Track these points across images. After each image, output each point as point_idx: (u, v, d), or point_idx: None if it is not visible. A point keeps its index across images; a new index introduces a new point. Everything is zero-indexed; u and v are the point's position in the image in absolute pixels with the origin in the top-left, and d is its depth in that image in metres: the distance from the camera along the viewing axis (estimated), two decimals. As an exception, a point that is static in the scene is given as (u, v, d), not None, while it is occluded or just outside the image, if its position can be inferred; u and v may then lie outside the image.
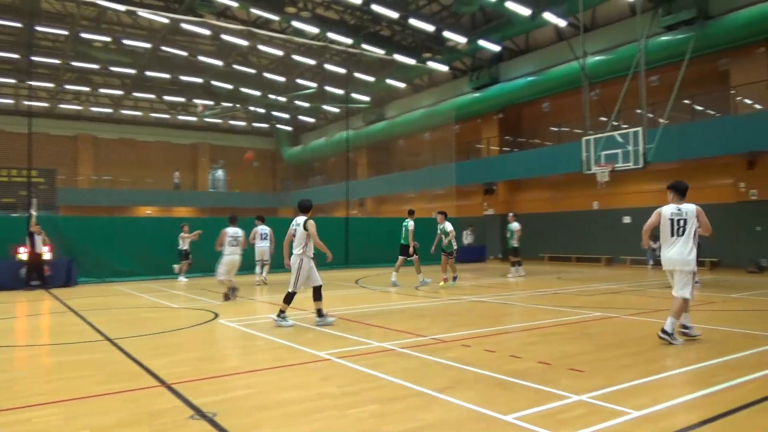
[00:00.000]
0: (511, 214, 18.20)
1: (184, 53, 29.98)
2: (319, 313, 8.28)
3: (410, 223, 14.36)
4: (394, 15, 23.00)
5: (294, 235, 8.27)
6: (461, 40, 25.14)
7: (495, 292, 12.97)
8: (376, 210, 37.30)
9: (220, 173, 45.74)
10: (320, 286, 8.32)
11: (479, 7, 23.24)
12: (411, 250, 14.23)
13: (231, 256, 11.34)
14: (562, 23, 22.19)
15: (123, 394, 4.80)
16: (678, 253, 6.72)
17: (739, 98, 19.55)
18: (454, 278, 14.64)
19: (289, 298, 8.18)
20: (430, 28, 24.12)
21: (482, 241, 27.17)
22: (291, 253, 8.37)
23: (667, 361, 5.87)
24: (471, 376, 5.27)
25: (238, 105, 38.36)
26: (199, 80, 33.77)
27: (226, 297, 11.33)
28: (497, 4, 20.82)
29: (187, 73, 32.67)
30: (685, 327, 6.95)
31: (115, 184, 39.57)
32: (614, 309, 9.64)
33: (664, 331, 6.61)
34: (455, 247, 14.73)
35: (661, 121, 17.69)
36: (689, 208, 6.85)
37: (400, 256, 14.66)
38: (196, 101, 37.10)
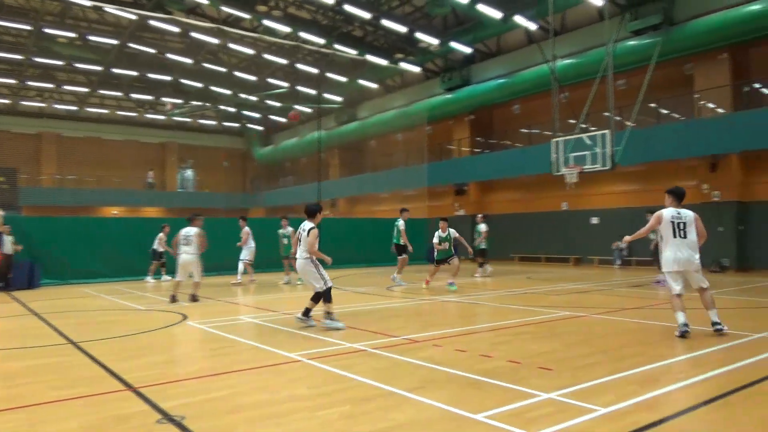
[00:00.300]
0: (479, 215, 18.35)
1: (153, 50, 29.46)
2: (328, 315, 8.03)
3: (401, 222, 14.65)
4: (366, 15, 23.00)
5: (300, 240, 8.18)
6: (433, 41, 25.29)
7: (466, 292, 13.07)
8: (348, 210, 37.24)
9: (189, 173, 45.06)
10: (329, 288, 8.10)
11: (451, 9, 23.42)
12: (409, 248, 14.68)
13: (182, 255, 11.25)
14: (532, 26, 22.50)
15: (88, 399, 4.68)
16: (690, 256, 7.22)
17: (702, 102, 20.11)
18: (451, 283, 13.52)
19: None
20: (402, 29, 24.19)
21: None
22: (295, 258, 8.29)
23: (632, 360, 5.99)
24: (442, 375, 5.30)
25: (207, 104, 37.86)
26: (168, 78, 33.21)
27: (173, 299, 11.22)
28: (469, 6, 21.00)
29: (156, 70, 32.08)
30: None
31: (80, 183, 38.58)
32: (582, 308, 9.80)
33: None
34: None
35: (628, 124, 18.11)
36: (688, 213, 7.34)
37: (399, 257, 14.92)
38: (165, 99, 36.43)
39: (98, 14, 27.19)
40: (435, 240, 13.72)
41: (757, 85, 19.86)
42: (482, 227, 17.32)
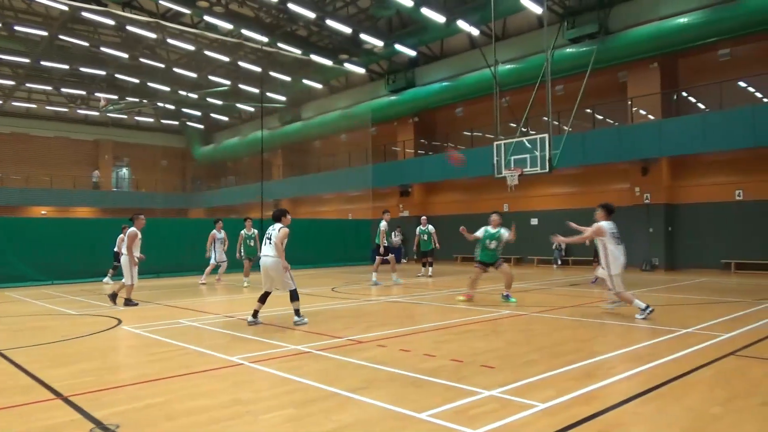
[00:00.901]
0: (424, 217, 18.36)
1: (85, 43, 28.16)
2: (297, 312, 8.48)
3: (383, 224, 15.33)
4: (311, 15, 22.80)
5: (269, 240, 8.52)
6: (378, 43, 25.36)
7: (411, 292, 13.16)
8: (291, 211, 36.50)
9: (124, 171, 43.37)
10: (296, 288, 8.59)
11: (396, 12, 23.57)
12: (382, 249, 15.15)
13: (123, 256, 10.98)
14: (475, 32, 22.93)
15: (15, 409, 4.41)
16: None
17: (635, 109, 21.07)
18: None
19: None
20: (347, 30, 24.14)
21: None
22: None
23: (570, 356, 6.20)
24: (386, 375, 5.30)
25: (145, 100, 36.52)
26: (102, 73, 31.83)
27: (111, 297, 10.98)
28: (413, 9, 21.19)
29: (89, 64, 30.68)
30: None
31: (6, 181, 36.43)
32: (523, 307, 10.06)
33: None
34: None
35: (566, 128, 18.73)
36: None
37: (376, 257, 15.43)
38: (99, 95, 34.91)
39: (26, 3, 25.78)
40: (479, 233, 11.28)
41: (684, 94, 21.00)
42: (431, 228, 17.44)
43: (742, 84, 19.50)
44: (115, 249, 16.06)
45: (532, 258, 23.79)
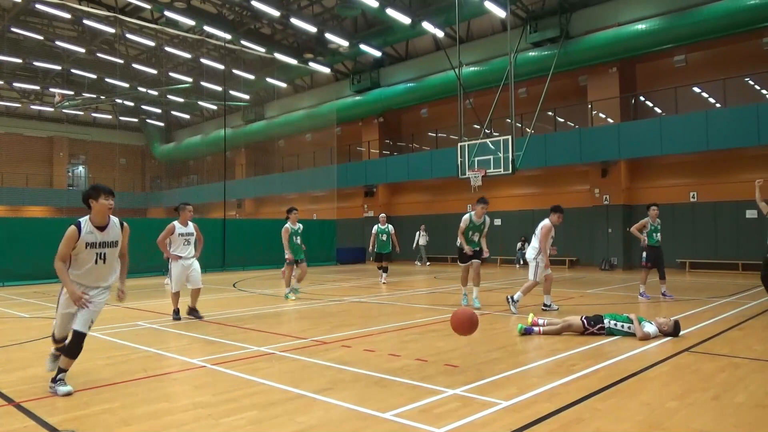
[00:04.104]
0: (383, 215, 16.87)
1: (39, 37, 27.22)
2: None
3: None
4: (275, 13, 22.58)
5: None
6: (343, 43, 25.29)
7: (374, 292, 13.15)
8: (255, 211, 36.39)
9: (81, 170, 42.08)
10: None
11: (361, 12, 23.54)
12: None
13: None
14: (439, 33, 23.10)
15: (-42, 417, 4.21)
16: None
17: (594, 112, 21.59)
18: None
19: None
20: (312, 29, 23.99)
21: (360, 243, 27.47)
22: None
23: (532, 354, 6.30)
24: (350, 376, 5.28)
25: (102, 97, 35.50)
26: (57, 67, 30.83)
27: None
28: (378, 10, 21.21)
29: (43, 58, 29.68)
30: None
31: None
32: (486, 306, 10.16)
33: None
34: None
35: (528, 130, 19.06)
36: None
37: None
38: (53, 90, 33.77)
39: (-25, -6, 24.78)
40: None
41: (642, 98, 21.62)
42: (391, 228, 17.01)
43: (696, 89, 20.19)
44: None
45: (495, 258, 24.10)
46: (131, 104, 38.28)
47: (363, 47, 25.20)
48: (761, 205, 9.49)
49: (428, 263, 24.60)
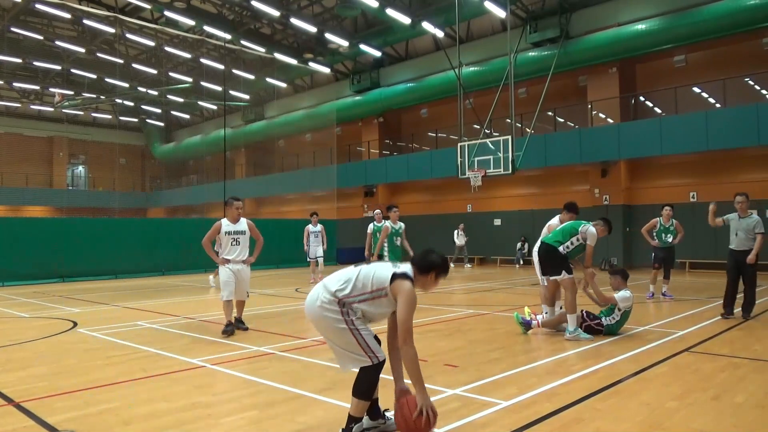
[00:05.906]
0: (377, 212, 16.97)
1: (39, 37, 27.21)
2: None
3: (401, 225, 13.19)
4: (275, 13, 22.57)
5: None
6: (343, 43, 25.28)
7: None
8: (255, 211, 36.36)
9: (80, 170, 42.05)
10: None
11: (361, 12, 23.54)
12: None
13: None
14: (439, 33, 23.09)
15: (-42, 417, 4.21)
16: None
17: (594, 112, 21.59)
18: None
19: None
20: (312, 29, 23.98)
21: (361, 243, 27.42)
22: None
23: (532, 354, 6.29)
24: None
25: (102, 96, 35.49)
26: (57, 67, 30.81)
27: None
28: (378, 10, 21.20)
29: (43, 58, 29.66)
30: None
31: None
32: (486, 306, 10.17)
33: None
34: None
35: (528, 130, 19.06)
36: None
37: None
38: (53, 90, 33.75)
39: (-25, -6, 24.78)
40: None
41: (642, 98, 21.62)
42: (388, 224, 16.36)
43: (696, 90, 20.19)
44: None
45: (495, 258, 24.10)
46: (131, 104, 38.25)
47: (363, 47, 25.19)
48: (715, 222, 9.42)
49: (469, 265, 23.37)
